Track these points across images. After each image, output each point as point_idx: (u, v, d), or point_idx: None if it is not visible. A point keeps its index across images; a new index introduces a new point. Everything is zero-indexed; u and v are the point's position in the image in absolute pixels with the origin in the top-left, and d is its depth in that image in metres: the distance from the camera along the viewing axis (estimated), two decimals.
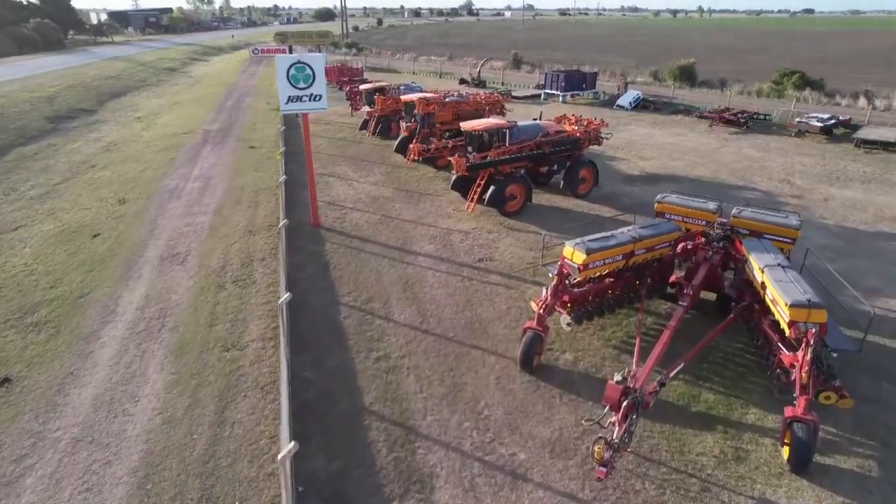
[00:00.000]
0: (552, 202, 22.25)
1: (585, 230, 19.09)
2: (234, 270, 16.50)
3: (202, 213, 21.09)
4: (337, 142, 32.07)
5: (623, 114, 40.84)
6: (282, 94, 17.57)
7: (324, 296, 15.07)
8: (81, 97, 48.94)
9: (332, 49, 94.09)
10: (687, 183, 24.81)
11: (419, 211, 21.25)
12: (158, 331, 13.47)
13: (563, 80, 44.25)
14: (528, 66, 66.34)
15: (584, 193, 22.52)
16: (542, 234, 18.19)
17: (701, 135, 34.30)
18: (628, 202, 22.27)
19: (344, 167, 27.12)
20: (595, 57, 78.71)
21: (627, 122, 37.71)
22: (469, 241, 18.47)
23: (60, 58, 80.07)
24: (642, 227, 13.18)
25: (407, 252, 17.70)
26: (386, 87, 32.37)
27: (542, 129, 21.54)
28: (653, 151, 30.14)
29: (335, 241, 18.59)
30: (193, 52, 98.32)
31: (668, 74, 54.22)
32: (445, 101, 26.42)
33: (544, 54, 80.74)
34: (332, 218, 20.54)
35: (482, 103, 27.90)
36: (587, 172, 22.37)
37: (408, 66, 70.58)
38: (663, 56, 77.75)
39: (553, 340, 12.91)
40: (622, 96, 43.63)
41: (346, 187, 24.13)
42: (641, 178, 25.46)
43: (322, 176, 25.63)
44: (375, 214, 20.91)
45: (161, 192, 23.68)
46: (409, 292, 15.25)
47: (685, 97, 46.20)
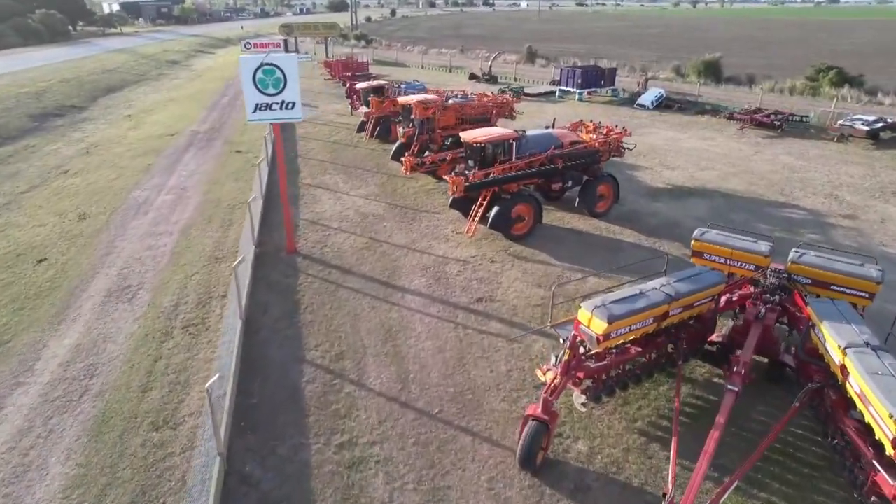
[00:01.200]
0: (565, 222, 19.48)
1: (604, 261, 16.68)
2: (188, 311, 13.99)
3: (167, 234, 18.62)
4: (331, 145, 29.45)
5: (644, 114, 37.76)
6: (248, 101, 14.97)
7: (286, 349, 12.51)
8: (73, 93, 46.75)
9: (341, 41, 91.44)
10: (719, 198, 21.91)
11: (413, 233, 18.60)
12: (79, 398, 11.00)
13: (579, 76, 41.20)
14: (543, 59, 63.16)
15: (603, 212, 19.72)
16: (552, 272, 15.52)
17: (731, 139, 31.20)
18: (653, 222, 19.45)
19: (335, 176, 24.52)
20: (613, 50, 75.20)
21: (649, 124, 34.66)
22: (467, 274, 15.80)
23: (62, 50, 78.16)
24: (678, 278, 10.40)
25: (393, 288, 15.08)
26: (384, 86, 29.65)
27: (555, 140, 18.75)
28: (679, 159, 27.17)
29: (312, 271, 16.01)
30: (200, 44, 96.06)
31: (692, 70, 50.81)
32: (447, 104, 23.67)
33: (560, 47, 77.37)
34: (311, 241, 17.96)
35: (489, 106, 25.11)
36: (606, 188, 19.56)
37: (417, 59, 67.67)
38: (685, 49, 74.06)
39: (563, 422, 10.25)
40: (643, 94, 40.49)
41: (333, 201, 21.53)
42: (667, 192, 22.56)
43: (309, 188, 23.07)
44: (362, 237, 18.30)
45: (128, 205, 21.25)
46: (390, 345, 12.64)
47: (711, 95, 42.92)
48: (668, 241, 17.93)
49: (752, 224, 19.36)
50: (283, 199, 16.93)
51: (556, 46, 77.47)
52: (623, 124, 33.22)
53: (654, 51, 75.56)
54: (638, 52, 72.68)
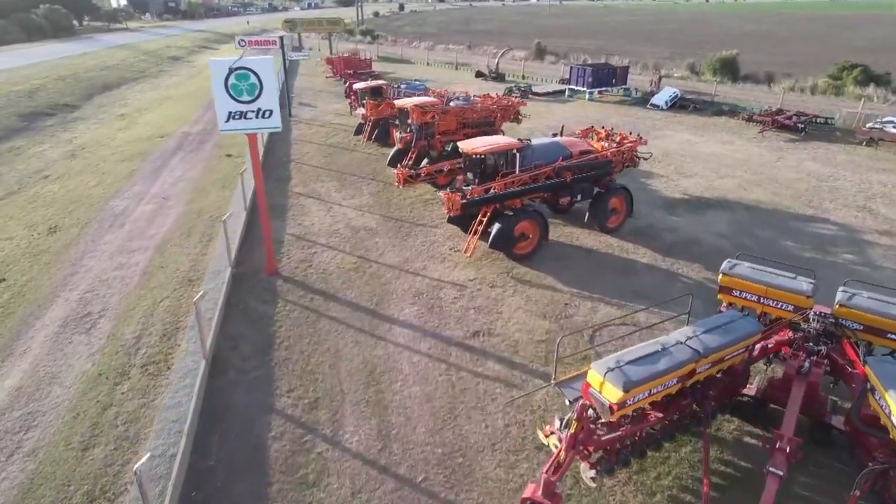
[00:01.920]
0: (573, 238, 17.85)
1: (617, 286, 15.08)
2: (151, 345, 12.52)
3: (141, 250, 17.17)
4: (326, 149, 27.92)
5: (658, 115, 35.93)
6: (220, 109, 13.43)
7: (255, 395, 11.01)
8: (68, 91, 45.52)
9: (347, 37, 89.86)
10: (741, 211, 20.18)
11: (406, 250, 17.04)
12: (7, 458, 9.54)
13: (590, 75, 39.39)
14: (553, 56, 61.28)
15: (615, 227, 18.06)
16: (558, 298, 13.90)
17: (751, 142, 29.36)
18: (670, 239, 17.77)
19: (327, 184, 22.98)
20: (625, 46, 73.13)
21: (663, 126, 32.85)
22: (464, 301, 14.22)
23: (64, 45, 77.18)
24: (706, 327, 8.75)
25: (380, 318, 13.53)
26: (382, 87, 28.04)
27: (563, 150, 17.09)
28: (696, 165, 25.41)
29: (292, 297, 14.49)
30: (204, 40, 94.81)
31: (708, 68, 48.83)
32: (447, 108, 22.04)
33: (570, 43, 75.39)
34: (296, 261, 16.44)
35: (493, 109, 23.46)
36: (619, 202, 17.89)
37: (423, 55, 65.96)
38: (699, 46, 71.89)
39: (568, 495, 8.67)
40: (657, 94, 38.63)
41: (323, 213, 20.00)
42: (684, 204, 20.85)
43: (299, 197, 21.55)
44: (352, 255, 16.76)
45: (104, 216, 19.83)
46: (372, 390, 11.09)
47: (727, 94, 40.97)
48: (687, 262, 16.25)
49: (779, 242, 17.66)
50: (263, 216, 15.35)
51: (566, 42, 75.51)
52: (636, 127, 31.60)
53: (667, 47, 73.43)
54: (650, 49, 70.59)
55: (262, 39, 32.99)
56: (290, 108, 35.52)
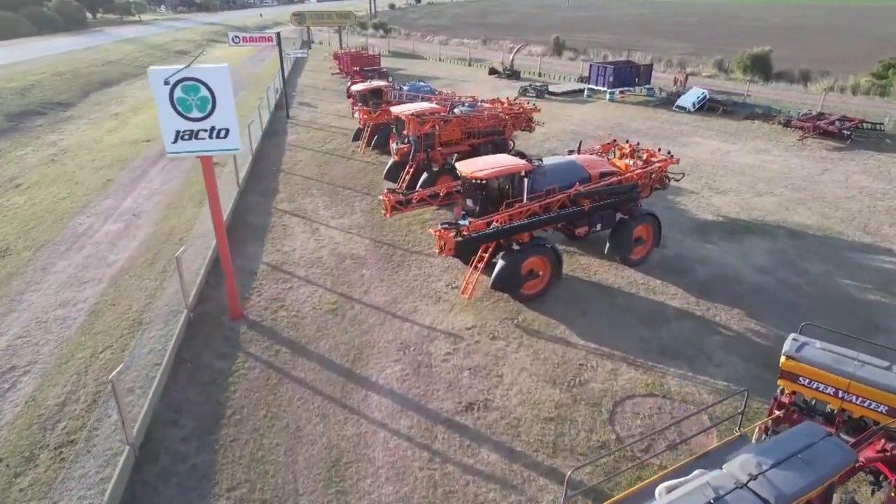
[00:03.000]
0: (591, 272, 15.37)
1: (643, 340, 11.91)
2: (74, 416, 10.34)
3: (94, 282, 15.03)
4: (321, 156, 25.63)
5: (685, 118, 33.09)
6: (165, 127, 11.16)
7: (187, 493, 8.76)
8: (64, 87, 43.77)
9: (359, 30, 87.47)
10: (784, 237, 17.54)
11: (396, 286, 14.70)
12: None
13: (611, 74, 36.58)
14: (571, 52, 58.32)
15: (639, 260, 15.55)
16: (571, 357, 11.49)
17: (790, 151, 26.52)
18: (704, 274, 15.23)
19: (317, 198, 20.70)
20: (647, 41, 69.87)
21: (691, 131, 30.06)
22: (458, 358, 11.85)
23: (71, 39, 75.72)
24: (776, 457, 6.26)
25: (356, 382, 11.22)
26: (383, 89, 25.64)
27: (580, 171, 14.57)
28: (729, 179, 22.70)
29: (255, 349, 12.24)
30: (214, 33, 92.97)
31: (738, 65, 45.65)
32: (449, 116, 19.59)
33: (589, 38, 72.24)
34: (266, 299, 14.18)
35: (503, 117, 20.94)
36: (645, 230, 15.37)
37: (435, 50, 63.33)
38: (725, 41, 68.44)
39: None
40: (684, 95, 35.73)
41: (308, 236, 17.72)
42: (718, 228, 18.24)
43: (283, 215, 19.30)
44: (332, 292, 14.46)
45: (63, 237, 17.76)
46: (333, 491, 8.79)
47: (759, 95, 37.94)
48: (725, 307, 13.71)
49: (834, 279, 15.03)
50: (223, 257, 13.00)
51: (585, 37, 72.38)
52: (661, 132, 28.81)
53: (691, 42, 70.04)
54: (673, 44, 67.29)
55: (257, 36, 30.82)
56: (289, 110, 33.28)
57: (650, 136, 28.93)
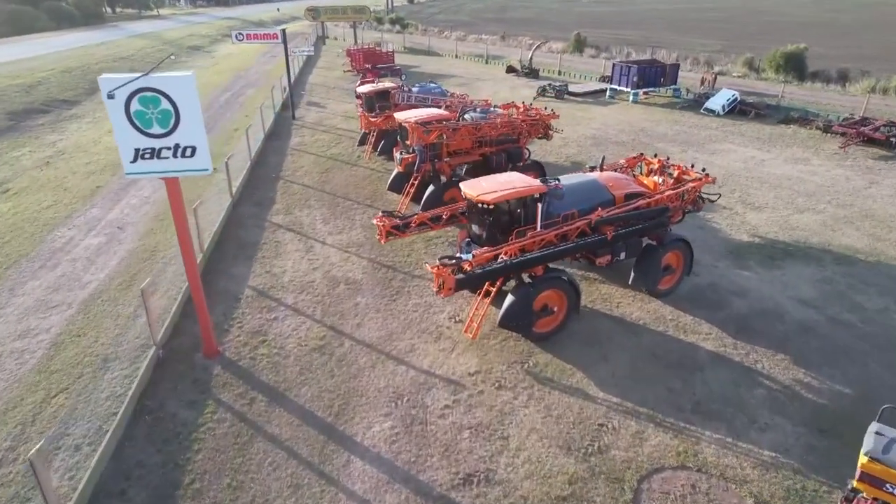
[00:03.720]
0: (613, 305, 13.65)
1: (673, 393, 10.03)
2: (6, 481, 8.95)
3: (62, 307, 13.69)
4: (324, 162, 24.11)
5: (714, 122, 30.99)
6: (122, 145, 9.68)
7: None
8: (71, 85, 42.87)
9: (375, 25, 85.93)
10: (831, 263, 15.63)
11: (393, 318, 13.13)
12: None
13: (635, 74, 34.54)
14: (593, 49, 56.13)
15: (668, 290, 13.79)
16: (589, 413, 9.83)
17: (831, 161, 24.41)
18: (741, 308, 13.44)
19: (315, 211, 19.20)
20: (673, 38, 67.37)
21: (721, 137, 28.02)
22: (458, 414, 10.25)
23: (86, 34, 75.28)
24: None
25: (338, 442, 9.67)
26: (390, 90, 24.01)
27: (603, 193, 12.81)
28: (765, 192, 20.74)
29: (228, 396, 10.76)
30: (229, 28, 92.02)
31: (770, 64, 43.23)
32: (458, 125, 17.91)
33: (611, 34, 69.90)
34: (248, 332, 12.70)
35: (518, 123, 19.21)
36: (675, 258, 13.61)
37: (452, 47, 61.51)
38: (753, 37, 65.69)
39: None
40: (713, 97, 33.58)
41: (301, 255, 16.23)
42: (755, 251, 16.37)
43: (276, 230, 17.83)
44: (321, 324, 12.94)
45: (40, 252, 16.48)
46: None
47: (794, 96, 35.64)
48: (768, 351, 11.94)
49: (894, 316, 13.13)
50: (194, 292, 11.50)
51: (607, 33, 70.06)
52: (689, 138, 26.66)
53: (718, 38, 67.35)
54: (699, 41, 64.75)
55: (262, 33, 29.39)
56: (294, 111, 31.83)
57: (677, 142, 26.98)
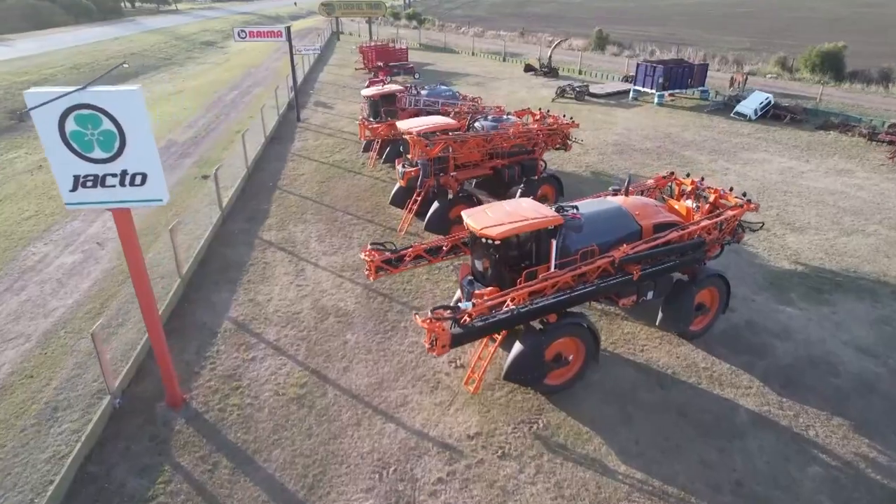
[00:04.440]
0: (637, 349, 11.93)
1: (708, 467, 9.04)
2: None
3: (21, 339, 12.34)
4: (326, 170, 22.59)
5: (746, 127, 28.88)
6: (58, 170, 8.19)
7: None
8: (77, 81, 40.83)
9: (392, 20, 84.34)
10: (889, 298, 13.75)
11: (385, 362, 11.56)
12: None
13: (661, 74, 32.48)
14: (615, 46, 53.90)
15: (701, 331, 12.03)
16: (608, 495, 8.16)
17: (878, 172, 22.30)
18: (785, 355, 11.65)
19: (311, 226, 17.69)
20: (698, 34, 64.77)
21: (754, 145, 25.96)
22: (452, 491, 8.65)
23: (101, 29, 74.71)
24: None
25: None
26: (397, 93, 22.33)
27: (629, 223, 11.04)
28: (806, 210, 18.79)
29: (187, 460, 9.27)
30: (244, 22, 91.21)
31: (805, 63, 40.77)
32: (465, 136, 16.22)
33: (634, 31, 67.46)
34: (220, 375, 11.22)
35: (535, 134, 17.44)
36: (710, 295, 11.85)
37: (469, 43, 59.65)
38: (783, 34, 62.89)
39: None
40: (744, 99, 31.42)
41: (290, 279, 14.72)
42: (799, 281, 14.50)
43: (266, 249, 16.35)
44: (304, 368, 11.42)
45: (10, 271, 15.21)
46: None
47: (832, 99, 33.31)
48: (821, 415, 10.15)
49: None
50: (154, 339, 9.98)
51: (629, 30, 67.62)
52: (719, 145, 24.40)
53: (746, 35, 64.49)
54: (726, 38, 62.00)
55: (265, 30, 27.95)
56: (299, 112, 30.36)
57: (706, 150, 25.01)
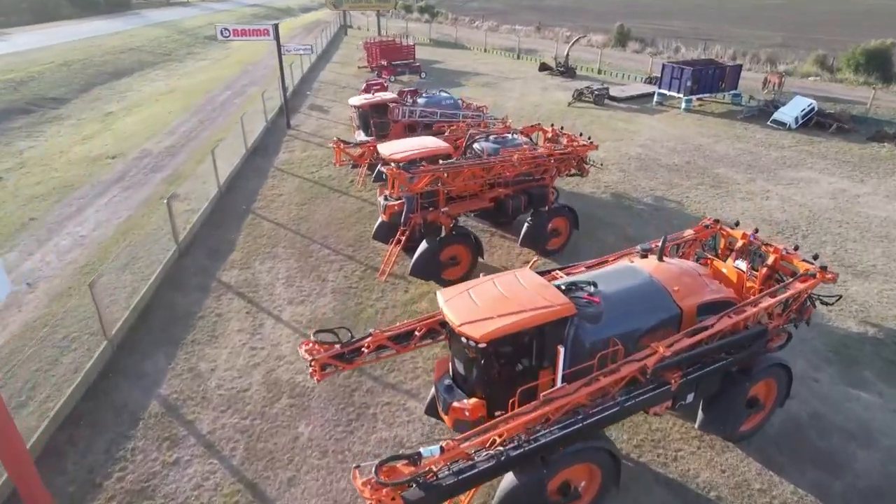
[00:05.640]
0: (667, 453, 9.16)
1: None
2: None
3: None
4: (310, 189, 19.95)
5: (786, 138, 25.71)
6: None
7: None
8: (66, 80, 39.78)
9: (403, 13, 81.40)
10: None
11: (343, 476, 8.90)
12: None
13: (689, 77, 29.33)
14: (637, 42, 50.54)
15: (751, 431, 9.24)
16: None
17: None
18: (867, 468, 8.85)
19: (280, 263, 15.08)
20: (726, 28, 61.09)
21: (797, 160, 22.85)
22: None
23: (105, 23, 72.81)
24: None
25: None
26: (389, 104, 19.51)
27: (665, 305, 8.14)
28: (870, 247, 15.79)
29: None
30: (253, 16, 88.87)
31: (847, 63, 37.27)
32: (461, 163, 13.39)
33: (658, 25, 63.91)
34: (127, 491, 8.62)
35: (544, 160, 14.52)
36: (766, 388, 9.04)
37: (482, 38, 56.58)
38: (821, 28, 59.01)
39: None
40: (782, 105, 28.21)
41: (244, 338, 12.13)
42: (873, 351, 11.59)
43: (224, 294, 13.77)
44: (238, 478, 8.81)
45: None
46: None
47: (880, 103, 29.90)
48: None
49: None
50: None
51: (653, 24, 64.05)
52: (757, 161, 21.06)
53: (777, 29, 60.66)
54: (755, 32, 58.22)
55: (251, 29, 25.36)
56: (289, 119, 27.74)
57: (742, 166, 21.98)
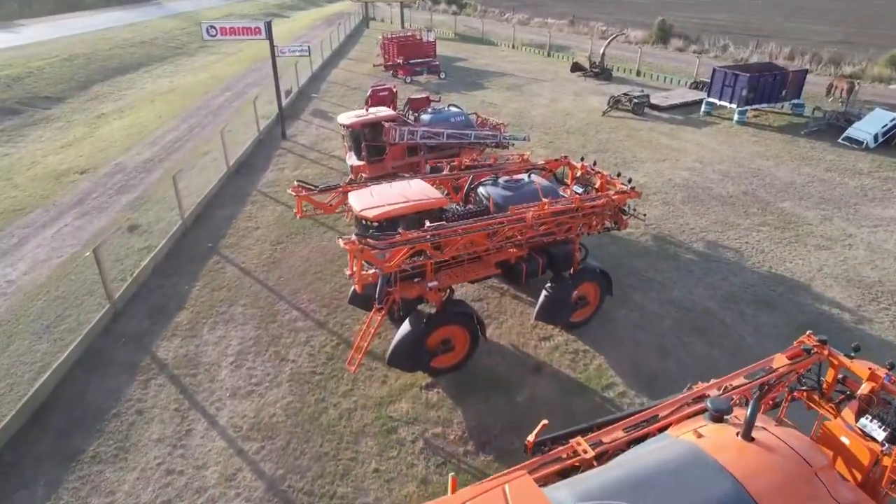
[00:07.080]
0: None
1: None
2: None
3: None
4: (290, 222, 16.79)
5: (863, 161, 21.64)
6: None
7: None
8: (65, 77, 37.56)
9: (430, 5, 77.86)
10: None
11: None
12: None
13: (745, 85, 25.32)
14: (680, 39, 46.18)
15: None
16: None
17: None
18: None
19: (234, 332, 12.05)
20: (778, 22, 55.99)
21: (882, 191, 18.89)
22: None
23: (122, 13, 71.11)
24: None
25: None
26: (384, 124, 16.19)
27: None
28: None
29: None
30: (279, 6, 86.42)
31: None
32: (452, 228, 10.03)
33: (703, 19, 59.14)
34: None
35: (570, 216, 11.06)
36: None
37: (510, 33, 52.78)
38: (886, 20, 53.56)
39: None
40: (857, 119, 24.07)
41: (160, 455, 9.12)
42: None
43: (155, 378, 10.78)
44: None
45: None
46: None
47: None
48: None
49: None
50: None
51: (698, 18, 59.29)
52: (831, 195, 17.13)
53: (835, 24, 55.37)
54: (811, 27, 53.11)
55: (240, 27, 22.45)
56: (285, 128, 24.73)
57: (811, 200, 18.17)
